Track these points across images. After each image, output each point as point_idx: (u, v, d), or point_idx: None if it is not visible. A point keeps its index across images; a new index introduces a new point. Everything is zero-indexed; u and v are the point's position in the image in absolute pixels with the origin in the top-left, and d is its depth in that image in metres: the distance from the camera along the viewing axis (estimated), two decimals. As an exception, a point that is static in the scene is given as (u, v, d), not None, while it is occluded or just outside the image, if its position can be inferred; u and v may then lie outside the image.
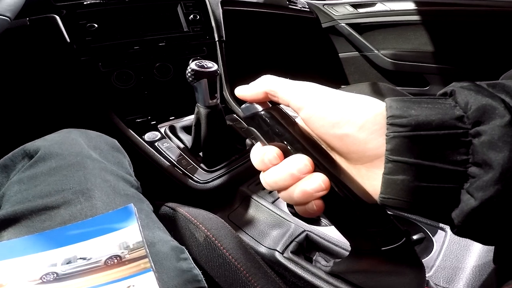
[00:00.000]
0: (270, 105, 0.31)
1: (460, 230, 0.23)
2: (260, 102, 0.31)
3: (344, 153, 0.27)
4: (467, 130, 0.22)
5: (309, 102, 0.27)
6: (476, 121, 0.22)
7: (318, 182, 0.26)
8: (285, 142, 0.29)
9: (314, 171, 0.27)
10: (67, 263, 0.31)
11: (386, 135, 0.23)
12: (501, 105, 0.21)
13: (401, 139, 0.23)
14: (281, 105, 0.31)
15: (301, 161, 0.27)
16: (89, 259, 0.31)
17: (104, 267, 0.30)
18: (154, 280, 0.29)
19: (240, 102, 0.95)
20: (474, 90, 0.23)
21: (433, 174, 0.22)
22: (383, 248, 0.29)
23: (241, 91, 0.31)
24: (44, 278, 0.29)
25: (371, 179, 0.26)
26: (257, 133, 0.31)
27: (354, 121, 0.25)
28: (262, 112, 0.30)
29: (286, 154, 0.29)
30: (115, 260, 0.30)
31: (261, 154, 0.29)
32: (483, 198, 0.21)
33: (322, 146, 0.29)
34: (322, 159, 0.28)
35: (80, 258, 0.31)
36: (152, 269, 0.30)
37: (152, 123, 0.82)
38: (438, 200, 0.23)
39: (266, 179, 0.29)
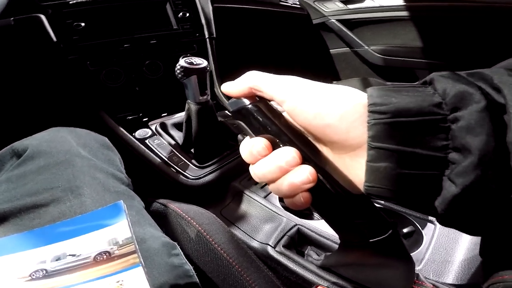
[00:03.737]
0: (258, 99, 0.31)
1: (443, 219, 0.24)
2: (247, 97, 0.31)
3: (328, 143, 0.28)
4: (445, 116, 0.22)
5: (291, 95, 0.28)
6: (454, 107, 0.22)
7: (306, 174, 0.27)
8: (272, 135, 0.29)
9: (302, 163, 0.28)
10: (56, 260, 0.31)
11: (368, 122, 0.24)
12: (478, 91, 0.22)
13: (382, 125, 0.23)
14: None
15: (289, 153, 0.27)
16: (78, 255, 0.31)
17: (93, 263, 0.30)
18: (143, 275, 0.29)
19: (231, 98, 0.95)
20: (452, 78, 0.23)
21: (415, 160, 0.23)
22: (370, 240, 0.29)
23: (227, 87, 0.31)
24: (33, 275, 0.29)
25: (355, 169, 0.27)
26: (245, 126, 0.31)
27: (334, 112, 0.26)
28: (249, 106, 0.30)
29: (274, 146, 0.29)
30: (104, 256, 0.30)
31: (250, 146, 0.29)
32: (464, 184, 0.21)
33: (308, 137, 0.29)
34: (308, 151, 0.28)
35: (70, 255, 0.31)
36: (141, 264, 0.30)
37: (143, 120, 0.82)
38: (421, 188, 0.23)
39: (255, 171, 0.29)
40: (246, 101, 0.31)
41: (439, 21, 1.28)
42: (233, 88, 0.31)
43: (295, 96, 0.28)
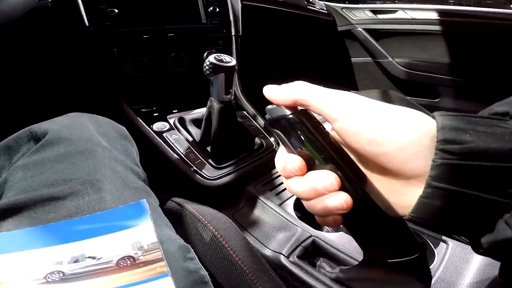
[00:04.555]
0: (299, 109, 0.29)
1: (486, 253, 0.22)
2: (288, 106, 0.29)
3: (378, 168, 0.26)
4: None
5: (345, 114, 0.25)
6: None
7: (340, 201, 0.25)
8: (313, 150, 0.27)
9: (340, 186, 0.26)
10: (75, 262, 0.28)
11: (433, 161, 0.22)
12: None
13: (449, 166, 0.21)
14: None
15: (327, 178, 0.26)
16: (99, 258, 0.28)
17: (116, 268, 0.28)
18: (173, 287, 0.27)
19: (251, 99, 0.94)
20: None
21: (474, 202, 0.21)
22: (397, 260, 0.28)
23: (270, 92, 0.29)
24: (48, 278, 0.27)
25: (404, 195, 0.25)
26: (283, 137, 0.29)
27: (394, 140, 0.23)
28: (290, 116, 0.28)
29: (311, 163, 0.27)
30: (128, 262, 0.28)
31: (284, 162, 0.28)
32: None
33: (352, 157, 0.28)
34: (350, 171, 0.27)
35: (89, 257, 0.28)
36: (169, 274, 0.28)
37: (154, 114, 0.80)
38: (471, 226, 0.22)
39: (290, 186, 0.28)
40: (287, 111, 0.28)
41: (469, 39, 1.24)
42: (277, 95, 0.28)
43: (351, 115, 0.25)
